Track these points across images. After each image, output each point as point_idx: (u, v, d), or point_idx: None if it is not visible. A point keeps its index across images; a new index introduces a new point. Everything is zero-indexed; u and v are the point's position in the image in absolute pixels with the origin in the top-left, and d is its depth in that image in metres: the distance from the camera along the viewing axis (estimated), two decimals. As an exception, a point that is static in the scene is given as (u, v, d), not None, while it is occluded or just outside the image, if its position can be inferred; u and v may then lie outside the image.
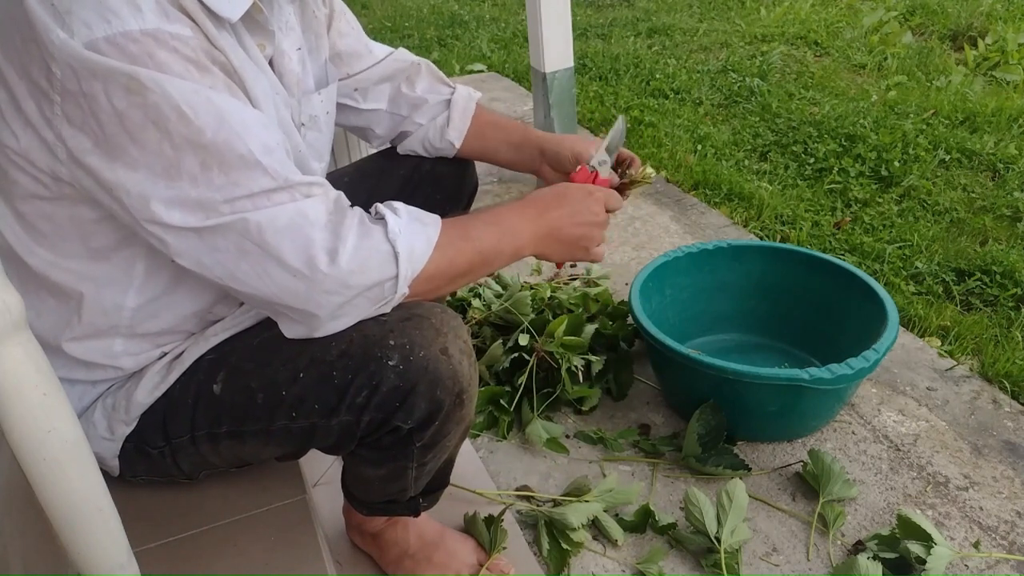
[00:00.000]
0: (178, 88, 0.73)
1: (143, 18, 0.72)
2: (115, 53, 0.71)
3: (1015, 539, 1.33)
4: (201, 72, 0.75)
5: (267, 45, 0.91)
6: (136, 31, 0.71)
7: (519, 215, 1.00)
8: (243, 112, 0.77)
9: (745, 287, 1.80)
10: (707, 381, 1.47)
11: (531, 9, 2.40)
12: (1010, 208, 2.40)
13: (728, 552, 1.28)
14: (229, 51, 0.80)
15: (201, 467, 1.01)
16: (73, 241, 0.84)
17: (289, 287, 0.81)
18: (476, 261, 0.94)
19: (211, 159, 0.75)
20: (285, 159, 0.81)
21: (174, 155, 0.74)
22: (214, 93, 0.75)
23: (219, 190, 0.76)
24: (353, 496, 1.15)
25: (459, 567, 1.24)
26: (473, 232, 0.95)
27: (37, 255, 0.85)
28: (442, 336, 0.91)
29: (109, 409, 0.95)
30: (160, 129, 0.73)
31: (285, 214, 0.79)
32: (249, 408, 0.91)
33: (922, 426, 1.59)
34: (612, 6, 5.25)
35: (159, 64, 0.72)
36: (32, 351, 0.60)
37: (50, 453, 0.62)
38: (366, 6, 5.76)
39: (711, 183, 2.66)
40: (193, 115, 0.74)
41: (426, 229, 0.89)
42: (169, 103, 0.73)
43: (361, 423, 0.91)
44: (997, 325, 1.90)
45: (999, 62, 3.59)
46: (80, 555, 0.68)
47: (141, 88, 0.72)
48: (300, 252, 0.79)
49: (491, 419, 1.63)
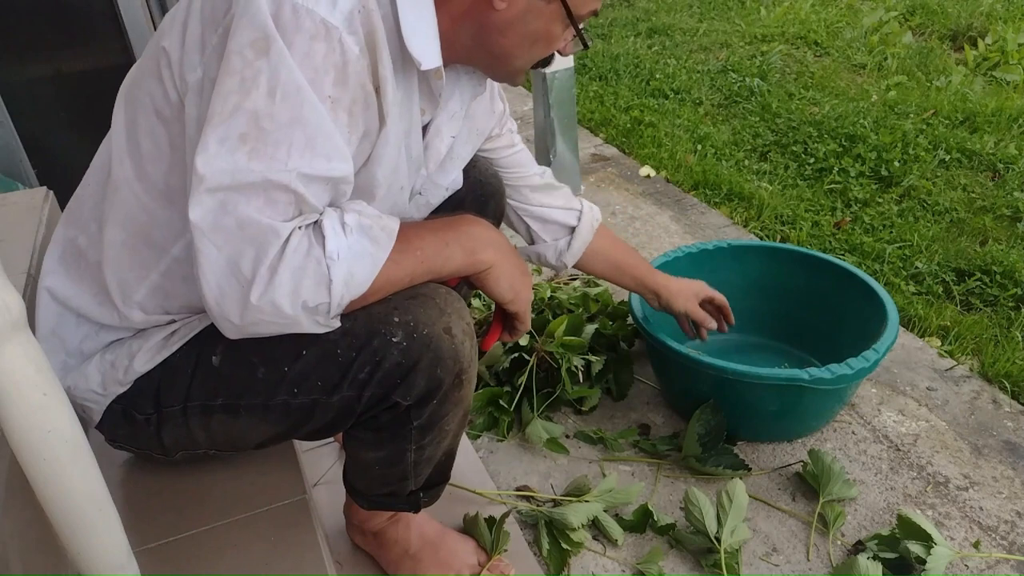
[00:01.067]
0: (291, 74, 0.75)
1: (334, 12, 0.75)
2: (290, 17, 0.74)
3: (1015, 539, 1.33)
4: (335, 82, 0.77)
5: (428, 112, 0.95)
6: (320, 16, 0.75)
7: (473, 222, 0.98)
8: (327, 133, 0.78)
9: (745, 287, 1.80)
10: (707, 381, 1.47)
11: (531, 9, 2.40)
12: (1010, 208, 2.40)
13: (728, 552, 1.28)
14: (389, 88, 0.83)
15: (183, 444, 1.00)
16: (161, 168, 0.86)
17: (225, 298, 0.80)
18: (419, 272, 0.91)
19: (252, 138, 0.76)
20: (323, 188, 0.80)
21: (233, 110, 0.75)
22: (318, 102, 0.76)
23: (234, 163, 0.76)
24: (354, 489, 1.15)
25: (460, 567, 1.24)
26: (419, 241, 0.91)
27: (124, 166, 0.87)
28: (446, 316, 0.91)
29: (107, 366, 0.94)
30: (243, 88, 0.75)
31: (259, 223, 0.77)
32: (249, 382, 0.91)
33: (922, 426, 1.59)
34: (612, 6, 5.25)
35: (311, 50, 0.75)
36: (32, 351, 0.60)
37: (50, 453, 0.62)
38: (366, 6, 5.76)
39: (711, 183, 2.66)
40: (280, 100, 0.75)
41: (375, 251, 0.84)
42: (270, 78, 0.74)
43: (362, 399, 0.91)
44: (997, 325, 1.90)
45: (999, 62, 3.59)
46: (80, 555, 0.68)
47: (263, 49, 0.74)
48: (253, 265, 0.78)
49: (491, 419, 1.63)
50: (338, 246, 0.81)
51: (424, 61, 0.86)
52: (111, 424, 0.97)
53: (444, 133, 1.03)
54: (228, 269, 0.78)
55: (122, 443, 1.01)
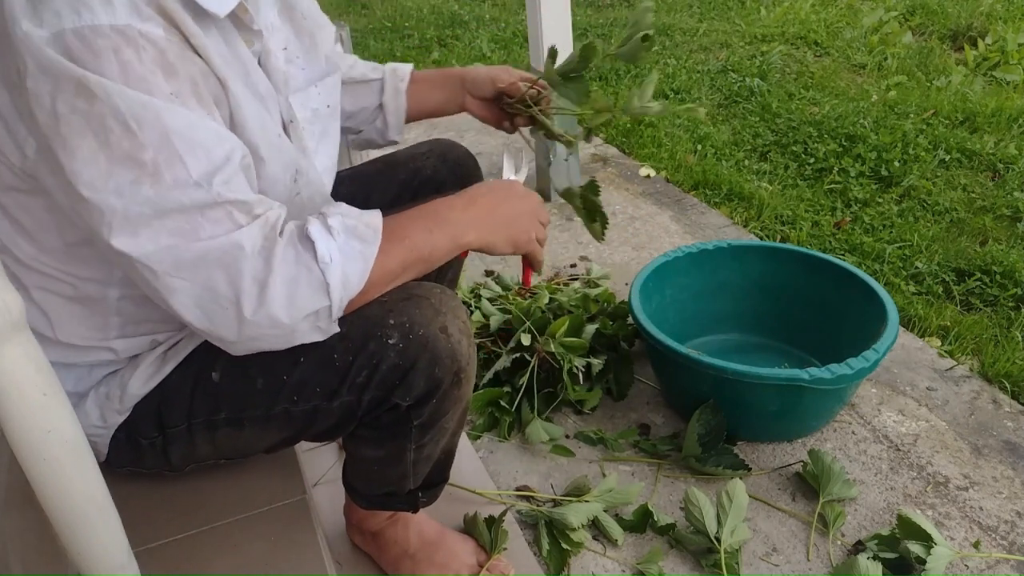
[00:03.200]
0: (128, 99, 0.71)
1: (114, 13, 0.71)
2: (80, 46, 0.70)
3: (1015, 539, 1.33)
4: (167, 76, 0.74)
5: (255, 42, 0.91)
6: (106, 26, 0.71)
7: (449, 207, 0.97)
8: (195, 126, 0.75)
9: (745, 287, 1.80)
10: (707, 381, 1.47)
11: (531, 9, 2.40)
12: (1010, 208, 2.40)
13: (728, 552, 1.28)
14: (211, 49, 0.79)
15: (191, 459, 1.01)
16: (51, 234, 0.85)
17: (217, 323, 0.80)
18: (410, 260, 0.91)
19: (146, 176, 0.74)
20: (233, 174, 0.78)
21: (107, 167, 0.73)
22: (168, 105, 0.74)
23: (145, 203, 0.74)
24: (354, 489, 1.15)
25: (459, 567, 1.24)
26: (403, 231, 0.91)
27: (20, 247, 0.86)
28: (441, 315, 0.92)
29: (103, 398, 0.95)
30: (99, 140, 0.72)
31: (218, 246, 0.77)
32: (249, 394, 0.92)
33: (922, 426, 1.59)
34: (612, 6, 5.24)
35: (123, 63, 0.71)
36: (32, 351, 0.60)
37: (50, 453, 0.62)
38: (366, 6, 5.77)
39: (711, 183, 2.66)
40: (138, 129, 0.72)
41: (364, 249, 0.85)
42: (115, 115, 0.71)
43: (362, 403, 0.91)
44: (997, 325, 1.90)
45: (999, 62, 3.59)
46: (80, 555, 0.68)
47: (90, 95, 0.71)
48: (231, 286, 0.78)
49: (492, 420, 1.63)
50: (328, 249, 0.81)
51: (218, 8, 0.80)
52: (118, 454, 0.98)
53: (273, 49, 0.96)
54: (208, 296, 0.78)
55: (131, 468, 1.01)
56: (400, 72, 1.30)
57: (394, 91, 1.29)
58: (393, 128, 1.31)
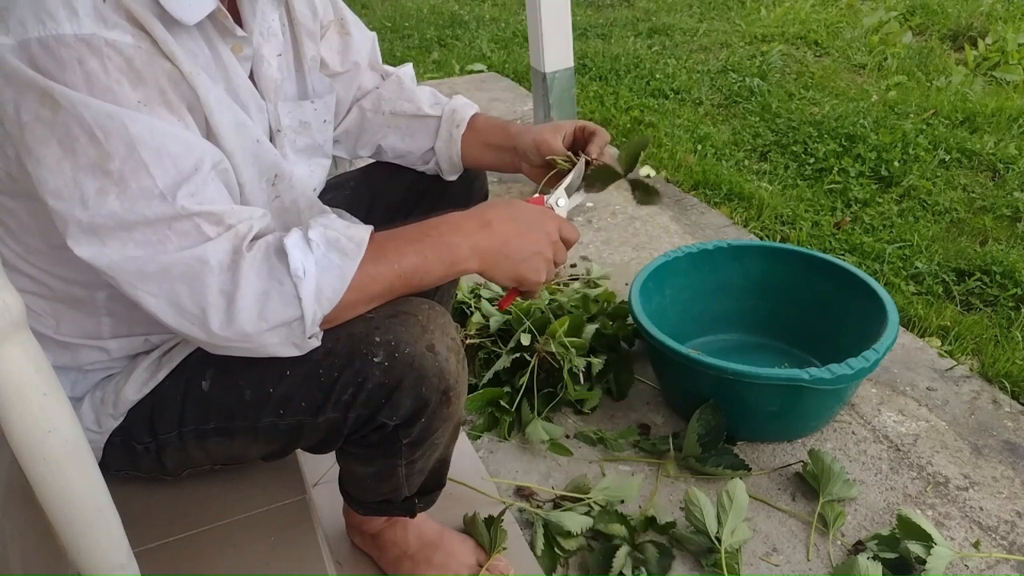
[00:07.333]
0: (94, 109, 0.71)
1: (79, 23, 0.70)
2: (45, 56, 0.70)
3: (1015, 539, 1.33)
4: (133, 85, 0.73)
5: (244, 47, 0.89)
6: (70, 36, 0.70)
7: (455, 228, 0.91)
8: (163, 136, 0.75)
9: (745, 287, 1.80)
10: (707, 381, 1.47)
11: (531, 9, 2.40)
12: (1010, 208, 2.40)
13: (728, 552, 1.28)
14: (181, 56, 0.78)
15: (186, 464, 1.01)
16: (35, 236, 0.85)
17: (187, 331, 0.80)
18: (397, 284, 0.87)
19: (111, 185, 0.73)
20: (203, 184, 0.78)
21: (73, 176, 0.72)
22: (135, 114, 0.73)
23: (110, 215, 0.74)
24: (349, 495, 1.15)
25: (459, 568, 1.24)
26: (395, 252, 0.87)
27: (8, 247, 0.86)
28: (428, 333, 0.89)
29: (98, 402, 0.95)
30: (64, 148, 0.72)
31: (182, 260, 0.76)
32: (237, 405, 0.91)
33: (922, 426, 1.59)
34: (612, 6, 5.24)
35: (88, 73, 0.71)
36: (32, 351, 0.60)
37: (50, 453, 0.62)
38: (366, 6, 5.76)
39: (711, 183, 2.66)
40: (104, 138, 0.72)
41: (344, 263, 0.82)
42: (81, 124, 0.71)
43: (348, 420, 0.90)
44: (997, 325, 1.90)
45: (999, 62, 3.59)
46: (80, 555, 0.68)
47: (54, 105, 0.70)
48: (195, 300, 0.77)
49: (492, 420, 1.63)
50: (303, 263, 0.79)
51: (187, 17, 0.78)
52: (114, 458, 0.98)
53: (267, 56, 0.94)
54: (173, 310, 0.78)
55: (128, 472, 1.01)
56: (458, 116, 1.20)
57: (447, 138, 1.20)
58: (448, 173, 1.23)
